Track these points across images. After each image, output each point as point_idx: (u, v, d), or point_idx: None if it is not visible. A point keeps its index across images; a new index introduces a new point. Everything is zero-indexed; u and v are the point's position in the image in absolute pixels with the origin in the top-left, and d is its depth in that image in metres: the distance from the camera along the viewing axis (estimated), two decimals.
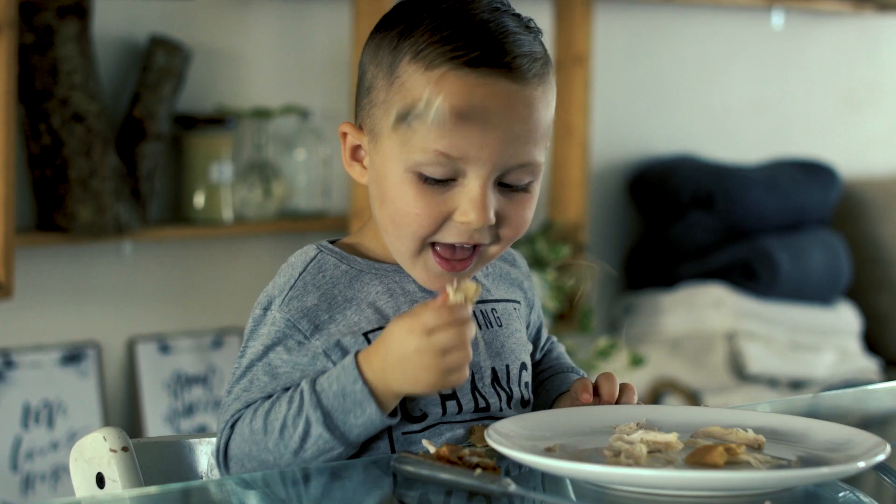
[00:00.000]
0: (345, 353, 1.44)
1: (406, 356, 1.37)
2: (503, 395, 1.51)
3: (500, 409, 1.50)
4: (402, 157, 1.44)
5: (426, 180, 1.44)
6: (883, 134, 5.00)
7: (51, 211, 3.23)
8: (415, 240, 1.46)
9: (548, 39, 4.18)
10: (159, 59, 3.31)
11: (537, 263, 3.78)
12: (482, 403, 1.49)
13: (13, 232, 3.05)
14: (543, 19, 4.03)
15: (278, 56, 3.61)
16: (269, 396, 1.43)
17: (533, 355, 1.63)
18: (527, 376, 1.55)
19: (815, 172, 4.35)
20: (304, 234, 3.58)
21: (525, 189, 1.47)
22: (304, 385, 1.40)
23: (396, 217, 1.46)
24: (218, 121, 3.43)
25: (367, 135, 1.50)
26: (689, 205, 4.18)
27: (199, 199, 3.44)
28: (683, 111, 4.47)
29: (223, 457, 1.42)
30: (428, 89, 1.42)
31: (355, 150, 1.52)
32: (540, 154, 1.47)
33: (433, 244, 1.47)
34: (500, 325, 1.54)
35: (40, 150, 3.22)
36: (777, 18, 4.63)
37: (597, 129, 4.08)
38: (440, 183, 1.44)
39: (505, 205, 1.46)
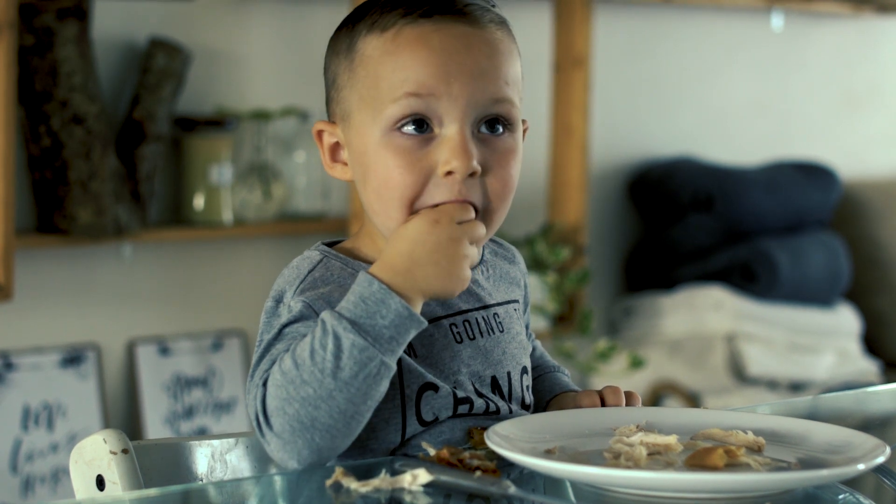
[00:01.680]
0: None
1: (439, 246, 1.38)
2: (503, 402, 1.51)
3: (511, 412, 1.50)
4: (376, 122, 1.45)
5: (404, 139, 1.44)
6: (882, 135, 5.00)
7: (50, 213, 3.23)
8: (401, 207, 1.44)
9: (547, 41, 4.22)
10: (159, 61, 3.31)
11: (537, 265, 3.78)
12: (492, 407, 1.49)
13: (13, 234, 3.05)
14: (543, 21, 4.03)
15: (278, 58, 3.61)
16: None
17: None
18: (527, 380, 1.55)
19: (814, 174, 4.36)
20: (303, 235, 3.58)
21: (505, 137, 1.47)
22: (322, 314, 1.36)
23: (380, 188, 1.45)
24: (217, 122, 3.43)
25: (339, 123, 1.50)
26: (689, 206, 4.18)
27: (199, 201, 3.44)
28: (683, 113, 4.47)
29: (263, 416, 1.36)
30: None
31: (334, 150, 1.52)
32: (514, 95, 1.47)
33: None
34: (502, 331, 1.53)
35: (40, 151, 3.22)
36: (777, 20, 4.63)
37: (596, 130, 4.08)
38: (418, 139, 1.44)
39: (488, 155, 1.45)
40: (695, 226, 4.19)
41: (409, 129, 1.44)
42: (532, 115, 4.02)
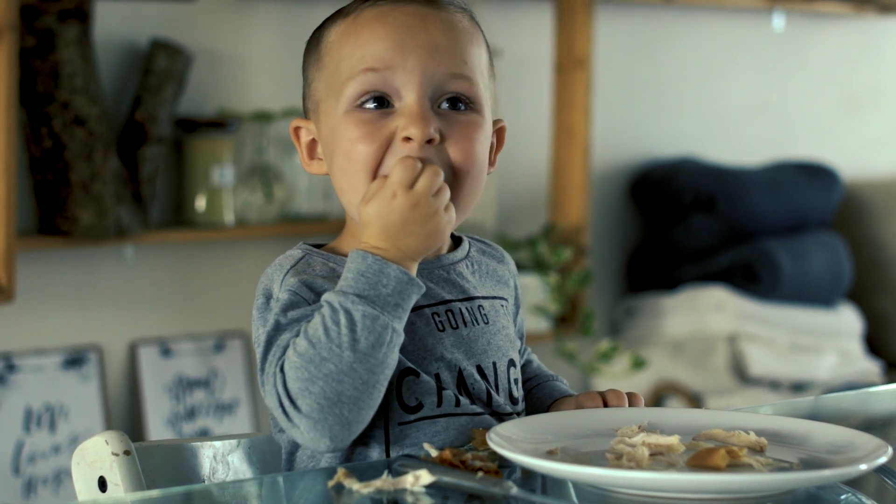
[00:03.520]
0: None
1: (407, 217, 1.40)
2: (492, 392, 1.51)
3: (501, 405, 1.50)
4: (339, 103, 1.49)
5: (364, 113, 1.47)
6: (884, 135, 5.00)
7: (52, 214, 3.24)
8: (366, 178, 1.47)
9: (548, 42, 4.21)
10: (160, 63, 3.32)
11: (539, 266, 3.78)
12: (481, 397, 1.49)
13: (14, 235, 3.05)
14: (544, 22, 4.03)
15: (279, 59, 3.61)
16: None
17: None
18: (515, 373, 1.55)
19: (816, 174, 4.36)
20: (305, 237, 3.58)
21: (467, 113, 1.49)
22: (324, 296, 1.39)
23: (344, 162, 1.49)
24: (219, 124, 3.44)
25: (312, 117, 1.55)
26: (691, 207, 4.18)
27: (201, 203, 3.44)
28: (685, 113, 4.47)
29: (288, 400, 1.36)
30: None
31: (311, 147, 1.56)
32: (474, 75, 1.50)
33: None
34: (487, 322, 1.54)
35: (41, 153, 3.22)
36: (778, 20, 4.63)
37: (598, 131, 4.08)
38: (378, 112, 1.47)
39: (448, 127, 1.48)
40: (696, 226, 4.19)
41: (370, 105, 1.48)
42: (533, 117, 4.02)
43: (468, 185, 1.49)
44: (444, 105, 1.48)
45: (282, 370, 1.38)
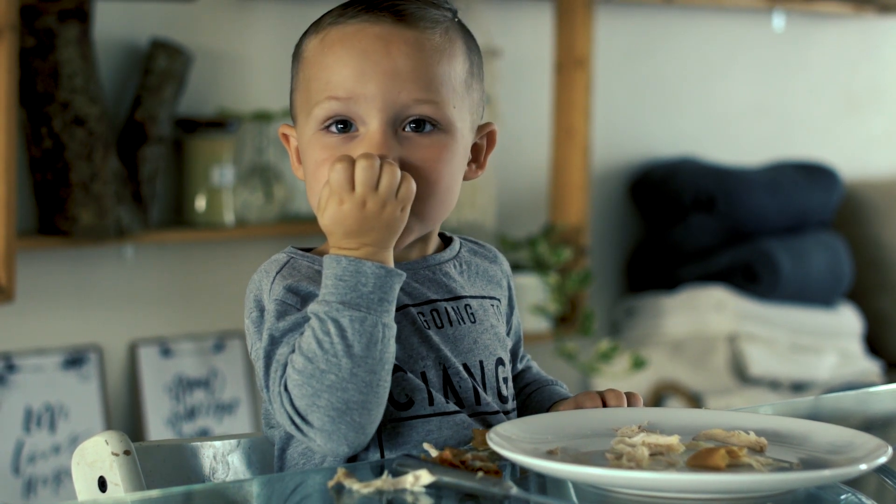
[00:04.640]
0: None
1: (360, 218, 1.41)
2: (479, 390, 1.51)
3: (489, 404, 1.50)
4: (308, 122, 1.50)
5: (330, 136, 1.48)
6: (884, 135, 5.00)
7: (52, 214, 3.24)
8: None
9: (549, 42, 4.21)
10: (160, 63, 3.32)
11: (538, 266, 3.78)
12: (468, 399, 1.49)
13: (14, 235, 3.05)
14: (544, 22, 4.03)
15: (279, 59, 3.61)
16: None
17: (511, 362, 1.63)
18: (504, 372, 1.55)
19: (816, 174, 4.36)
20: (304, 237, 3.58)
21: (432, 133, 1.49)
22: (309, 309, 1.40)
23: (310, 180, 1.51)
24: (219, 124, 3.43)
25: (295, 125, 1.56)
26: (691, 207, 4.18)
27: (201, 203, 3.44)
28: (685, 113, 4.47)
29: (298, 417, 1.38)
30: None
31: (299, 152, 1.57)
32: (442, 96, 1.49)
33: None
34: (474, 321, 1.54)
35: (42, 153, 3.22)
36: (778, 20, 4.63)
37: (598, 131, 4.08)
38: (343, 136, 1.48)
39: (411, 150, 1.48)
40: (696, 226, 4.19)
41: (335, 128, 1.49)
42: (533, 117, 4.02)
43: (434, 202, 1.49)
44: (410, 128, 1.48)
45: (286, 389, 1.39)
